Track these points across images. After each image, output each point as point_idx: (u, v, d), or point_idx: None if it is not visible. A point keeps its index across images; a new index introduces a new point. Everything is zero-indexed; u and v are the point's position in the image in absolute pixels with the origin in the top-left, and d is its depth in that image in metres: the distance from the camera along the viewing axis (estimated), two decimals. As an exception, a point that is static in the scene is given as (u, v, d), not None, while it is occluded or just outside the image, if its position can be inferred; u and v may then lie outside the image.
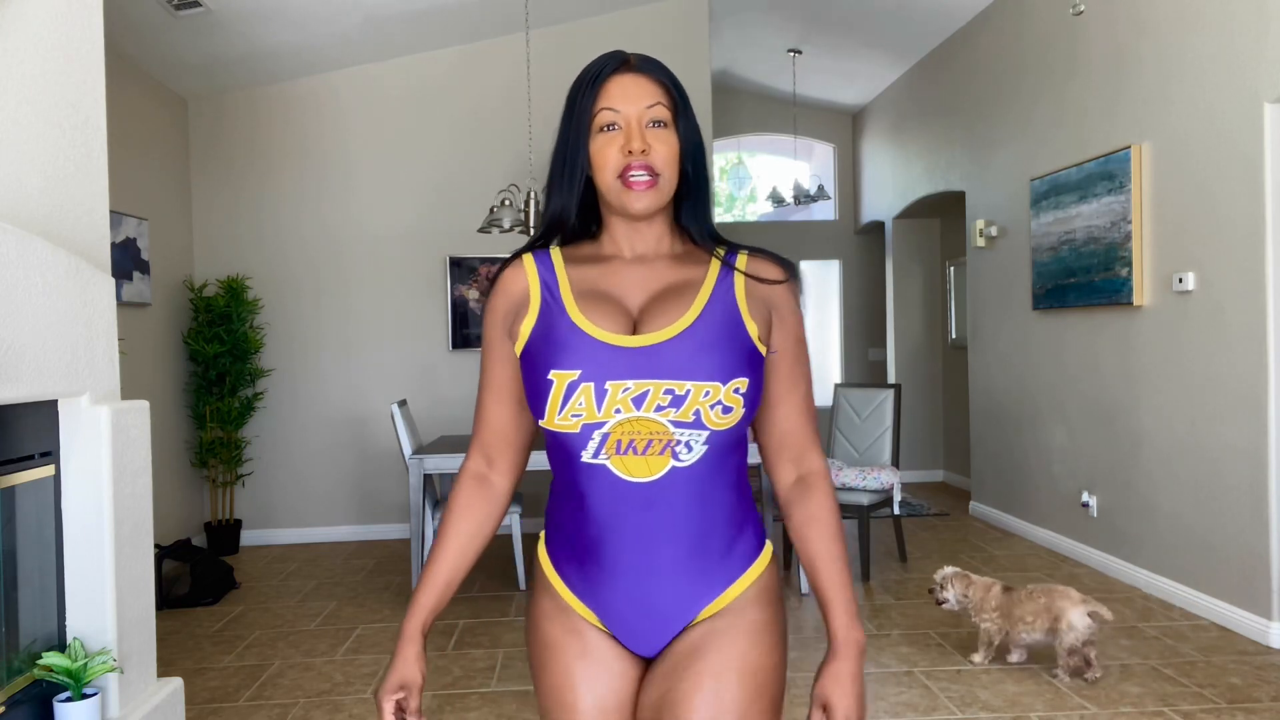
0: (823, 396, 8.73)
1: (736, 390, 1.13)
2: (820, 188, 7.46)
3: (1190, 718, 2.91)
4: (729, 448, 1.18)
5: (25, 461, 2.28)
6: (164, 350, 5.45)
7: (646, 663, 1.24)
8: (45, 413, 2.38)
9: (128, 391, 4.82)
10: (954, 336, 7.47)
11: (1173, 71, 4.01)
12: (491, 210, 4.71)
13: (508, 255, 1.27)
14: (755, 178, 8.94)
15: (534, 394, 1.16)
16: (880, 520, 6.09)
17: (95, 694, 2.28)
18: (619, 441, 1.13)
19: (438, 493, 5.06)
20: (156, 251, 5.34)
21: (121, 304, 4.83)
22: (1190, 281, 3.90)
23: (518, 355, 1.20)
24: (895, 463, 5.05)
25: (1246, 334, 3.60)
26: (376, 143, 5.99)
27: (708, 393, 1.12)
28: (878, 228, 8.43)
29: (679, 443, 1.13)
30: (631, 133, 1.15)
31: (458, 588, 1.25)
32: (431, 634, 3.94)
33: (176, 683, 2.72)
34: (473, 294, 5.99)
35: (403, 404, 4.70)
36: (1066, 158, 4.87)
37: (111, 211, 4.64)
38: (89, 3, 2.69)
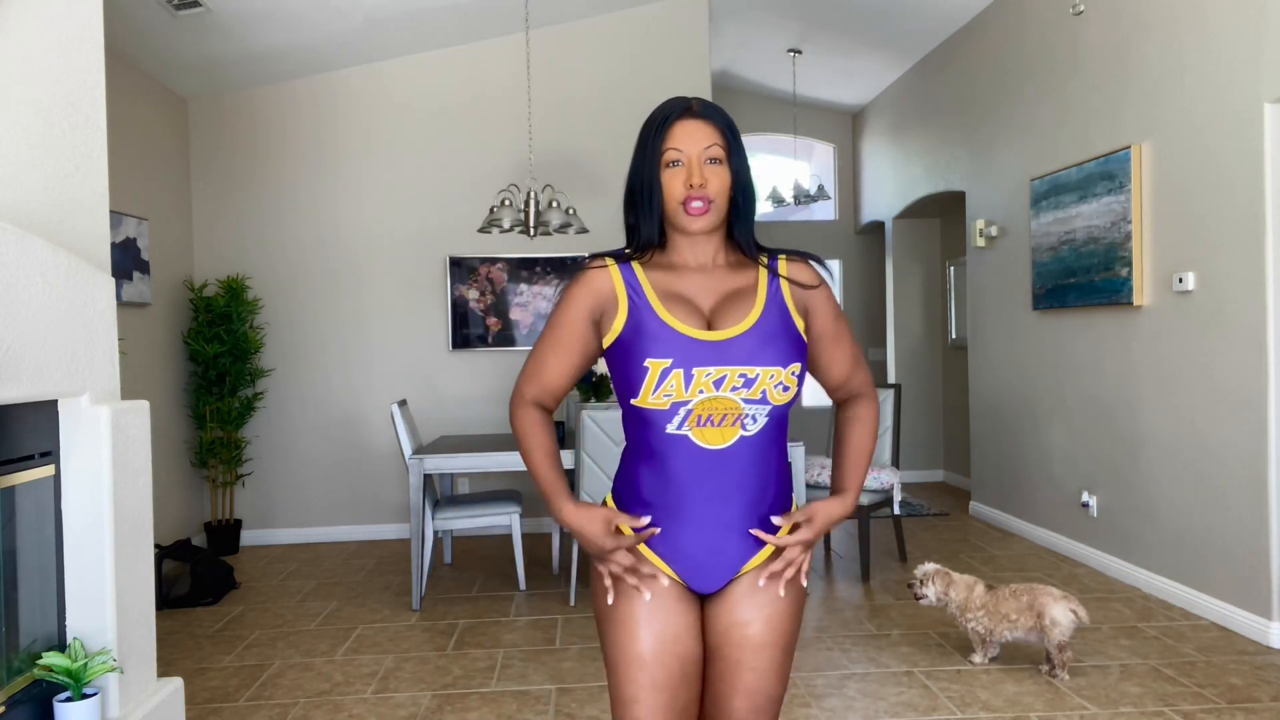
0: (823, 396, 8.75)
1: (794, 372, 1.44)
2: (820, 188, 7.46)
3: (1190, 718, 2.91)
4: (781, 419, 1.47)
5: (25, 461, 2.28)
6: (164, 350, 5.45)
7: (702, 600, 1.51)
8: (45, 413, 2.38)
9: (128, 391, 4.83)
10: (954, 336, 7.47)
11: (1173, 71, 4.01)
12: (491, 210, 4.71)
13: (590, 255, 1.54)
14: (755, 178, 8.94)
15: (629, 378, 1.43)
16: (880, 520, 6.09)
17: (95, 694, 2.28)
18: (699, 416, 1.41)
19: (437, 492, 5.06)
20: (156, 251, 5.34)
21: (121, 304, 4.83)
22: (1190, 281, 3.90)
23: (605, 346, 1.49)
24: (895, 463, 5.05)
25: (1246, 334, 3.60)
26: (376, 143, 5.99)
27: (773, 375, 1.41)
28: (878, 228, 8.43)
29: (747, 416, 1.42)
30: (692, 169, 1.44)
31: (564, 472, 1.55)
32: (431, 634, 3.94)
33: (176, 683, 2.72)
34: (473, 294, 6.00)
35: (403, 404, 4.70)
36: (1067, 158, 4.87)
37: (111, 211, 4.64)
38: (89, 3, 2.69)
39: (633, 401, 1.43)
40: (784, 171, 8.72)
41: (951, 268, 7.50)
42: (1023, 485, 5.50)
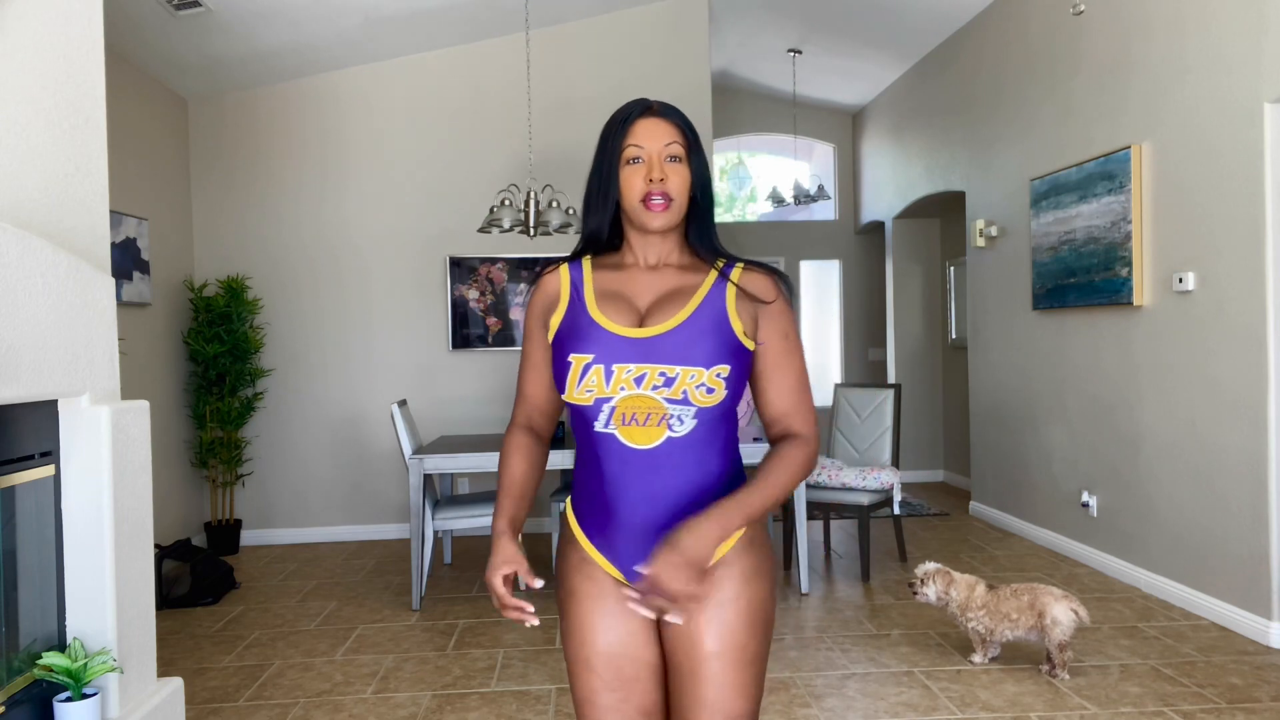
0: (823, 396, 8.75)
1: (719, 375, 1.38)
2: (820, 188, 7.46)
3: (1190, 718, 2.91)
4: (717, 422, 1.42)
5: (25, 461, 2.28)
6: (164, 350, 5.45)
7: None
8: (45, 413, 2.38)
9: (128, 391, 4.83)
10: (954, 336, 7.47)
11: (1173, 71, 4.01)
12: (491, 210, 4.71)
13: (546, 260, 1.52)
14: (755, 178, 8.95)
15: (558, 373, 1.43)
16: (880, 520, 6.09)
17: (95, 694, 2.28)
18: (624, 414, 1.39)
19: (437, 492, 5.06)
20: (156, 251, 5.34)
21: (121, 304, 4.83)
22: (1190, 281, 3.90)
23: (549, 342, 1.49)
24: (895, 463, 5.05)
25: (1246, 334, 3.60)
26: (376, 143, 5.99)
27: (694, 376, 1.37)
28: (878, 228, 8.43)
29: (672, 416, 1.39)
30: (653, 165, 1.42)
31: (531, 502, 1.53)
32: (431, 634, 3.94)
33: (176, 683, 2.72)
34: (473, 294, 6.00)
35: (403, 404, 4.70)
36: (1066, 158, 4.87)
37: (111, 211, 4.65)
38: (89, 3, 2.69)
39: (563, 396, 1.44)
40: (784, 171, 8.72)
41: (951, 268, 7.50)
42: (1023, 485, 5.50)
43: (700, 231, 1.50)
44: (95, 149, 2.69)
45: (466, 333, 6.00)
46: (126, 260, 4.90)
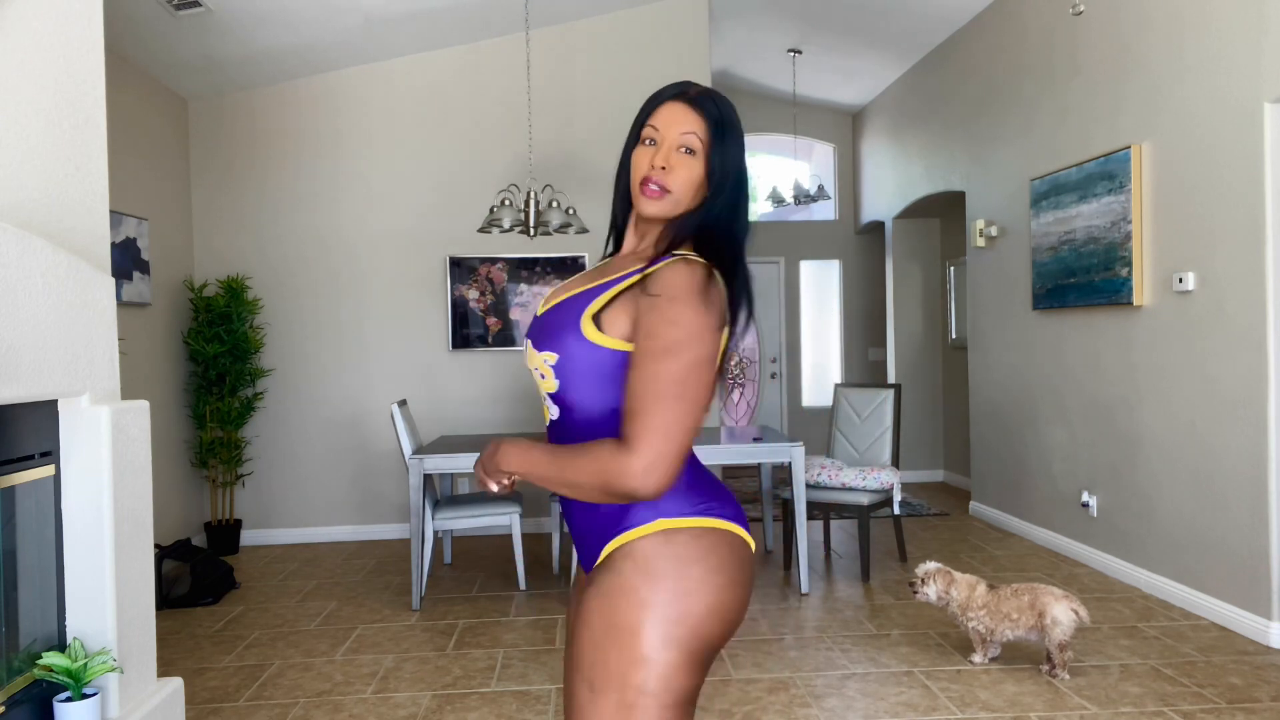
0: (823, 396, 8.76)
1: (548, 362, 1.31)
2: (820, 188, 7.46)
3: (1190, 718, 2.91)
4: (586, 411, 1.31)
5: (25, 461, 2.28)
6: (164, 350, 5.45)
7: None
8: (45, 413, 2.38)
9: (128, 391, 4.83)
10: (954, 336, 7.47)
11: (1173, 71, 4.01)
12: (491, 210, 4.71)
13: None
14: (755, 178, 8.94)
15: None
16: (880, 520, 6.08)
17: (95, 694, 2.28)
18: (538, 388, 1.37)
19: (437, 492, 5.06)
20: (156, 251, 5.34)
21: (121, 304, 4.83)
22: (1190, 281, 3.90)
23: None
24: (895, 463, 5.05)
25: (1246, 334, 3.60)
26: (376, 143, 5.99)
27: (537, 359, 1.34)
28: (878, 228, 8.43)
29: (545, 398, 1.37)
30: (661, 150, 1.33)
31: None
32: (431, 634, 3.94)
33: (176, 683, 2.73)
34: (473, 294, 5.99)
35: (403, 404, 4.70)
36: (1066, 158, 4.87)
37: (111, 211, 4.65)
38: (89, 3, 2.69)
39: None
40: (784, 171, 8.72)
41: (951, 268, 7.50)
42: (1023, 485, 5.50)
43: (687, 227, 1.32)
44: (95, 149, 2.69)
45: (466, 333, 6.00)
46: (126, 260, 4.90)
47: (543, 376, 1.33)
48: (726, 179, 1.33)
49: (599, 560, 1.33)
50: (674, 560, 1.28)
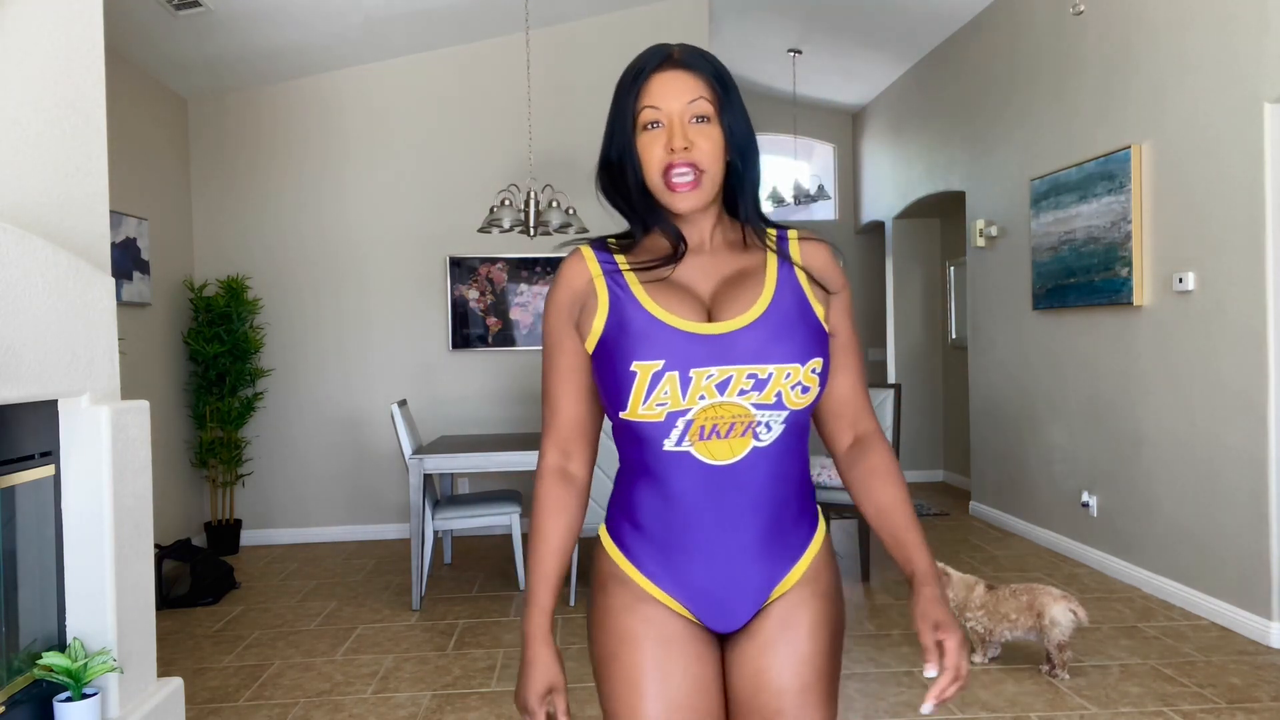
0: (823, 396, 8.74)
1: (814, 370, 1.17)
2: (820, 188, 7.46)
3: (1190, 718, 2.91)
4: (801, 425, 1.22)
5: (25, 461, 2.28)
6: (164, 350, 5.45)
7: (722, 640, 1.27)
8: (45, 413, 2.38)
9: (128, 391, 4.83)
10: (954, 336, 7.47)
11: (1172, 71, 4.01)
12: (491, 210, 4.71)
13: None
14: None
15: (614, 386, 1.17)
16: (880, 520, 6.08)
17: (95, 694, 2.28)
18: (702, 427, 1.16)
19: (437, 492, 5.06)
20: (156, 251, 5.34)
21: (121, 304, 4.83)
22: (1190, 281, 3.90)
23: (589, 350, 1.22)
24: (895, 463, 5.04)
25: (1246, 334, 3.60)
26: (376, 143, 5.99)
27: (789, 374, 1.16)
28: (878, 228, 8.43)
29: (760, 424, 1.17)
30: (674, 130, 1.17)
31: (562, 584, 1.28)
32: (431, 634, 3.94)
33: (176, 683, 2.72)
34: (473, 294, 5.99)
35: (403, 404, 4.70)
36: (1066, 158, 4.87)
37: (111, 211, 4.64)
38: (89, 3, 2.69)
39: (621, 415, 1.18)
40: (784, 171, 8.71)
41: (951, 268, 7.50)
42: (1023, 485, 5.50)
43: (743, 200, 1.27)
44: (95, 149, 2.69)
45: (466, 333, 6.00)
46: (126, 260, 4.90)
47: (805, 390, 1.17)
48: (747, 136, 1.25)
49: (793, 572, 1.25)
50: (831, 540, 1.34)
